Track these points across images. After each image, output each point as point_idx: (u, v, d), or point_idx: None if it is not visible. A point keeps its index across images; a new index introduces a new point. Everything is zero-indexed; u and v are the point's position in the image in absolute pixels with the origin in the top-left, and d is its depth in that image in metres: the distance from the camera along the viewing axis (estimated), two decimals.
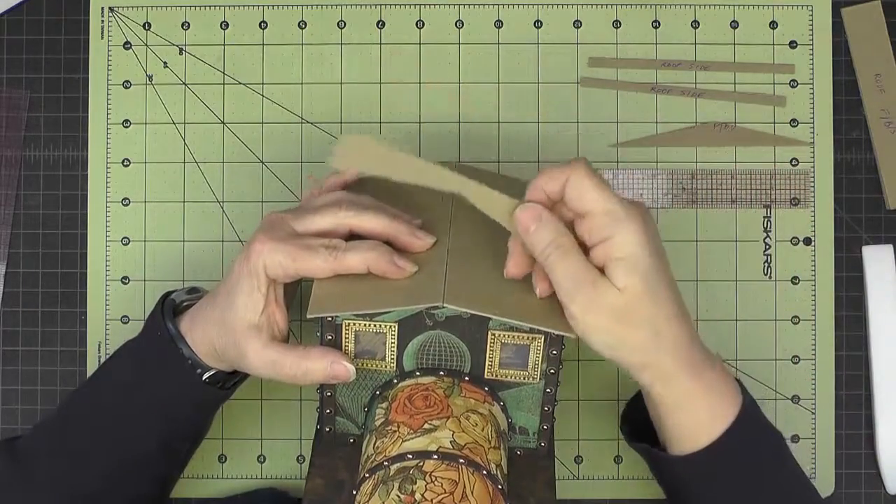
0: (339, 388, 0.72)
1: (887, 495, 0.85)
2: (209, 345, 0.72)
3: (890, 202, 0.86)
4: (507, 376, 0.71)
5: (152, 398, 0.74)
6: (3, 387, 0.86)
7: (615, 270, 0.65)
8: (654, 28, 0.87)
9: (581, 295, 0.65)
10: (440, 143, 0.86)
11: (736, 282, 0.86)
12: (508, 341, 0.70)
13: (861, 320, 0.86)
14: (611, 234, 0.65)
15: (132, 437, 0.75)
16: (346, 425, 0.74)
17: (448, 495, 0.63)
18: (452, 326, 0.70)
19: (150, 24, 0.87)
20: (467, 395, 0.70)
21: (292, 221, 0.70)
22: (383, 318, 0.69)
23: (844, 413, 0.86)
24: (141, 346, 0.76)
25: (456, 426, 0.67)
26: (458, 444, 0.66)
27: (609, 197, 0.65)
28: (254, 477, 0.86)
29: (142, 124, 0.87)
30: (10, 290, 0.86)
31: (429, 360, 0.71)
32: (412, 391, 0.70)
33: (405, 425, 0.68)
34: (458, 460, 0.65)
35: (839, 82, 0.87)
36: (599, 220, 0.65)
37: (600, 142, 0.86)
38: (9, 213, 0.86)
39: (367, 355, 0.71)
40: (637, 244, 0.65)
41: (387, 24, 0.87)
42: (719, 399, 0.69)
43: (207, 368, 0.73)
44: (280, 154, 0.86)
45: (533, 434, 0.73)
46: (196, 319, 0.73)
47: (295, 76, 0.87)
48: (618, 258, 0.65)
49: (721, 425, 0.69)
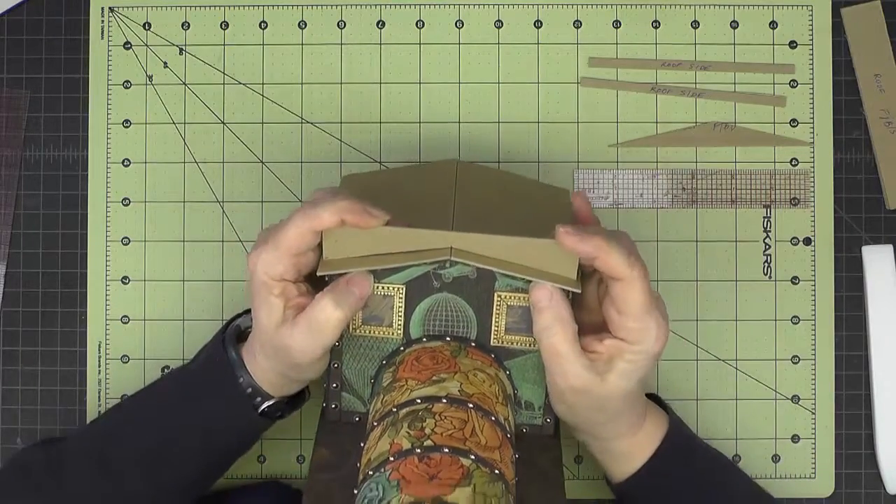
0: (346, 359, 0.73)
1: (887, 495, 0.85)
2: (269, 372, 0.73)
3: (890, 202, 0.86)
4: (512, 343, 0.72)
5: (203, 430, 0.75)
6: (3, 387, 0.86)
7: (618, 367, 0.70)
8: (654, 28, 0.87)
9: (574, 380, 0.69)
10: (440, 143, 0.86)
11: (736, 282, 0.86)
12: (514, 303, 0.71)
13: (861, 320, 0.86)
14: (635, 341, 0.69)
15: (173, 461, 0.75)
16: (351, 402, 0.74)
17: (458, 430, 0.64)
18: (459, 288, 0.71)
19: (150, 24, 0.87)
20: (474, 358, 0.71)
21: (269, 231, 0.71)
22: (391, 279, 0.70)
23: (844, 413, 0.86)
24: (196, 370, 0.77)
25: (464, 379, 0.68)
26: (467, 393, 0.67)
27: (650, 310, 0.69)
28: (254, 477, 0.86)
29: (142, 124, 0.87)
30: (10, 290, 0.86)
31: (435, 326, 0.72)
32: (419, 353, 0.70)
33: (413, 379, 0.68)
34: (467, 405, 0.66)
35: (839, 82, 0.87)
36: (632, 325, 0.69)
37: (600, 142, 0.86)
38: (9, 213, 0.86)
39: (374, 321, 0.72)
40: (651, 356, 0.70)
41: (387, 24, 0.87)
42: (647, 440, 0.75)
43: (268, 398, 0.74)
44: (280, 154, 0.86)
45: (539, 409, 0.74)
46: (250, 355, 0.74)
47: (295, 76, 0.87)
48: (628, 361, 0.70)
49: (649, 451, 0.74)
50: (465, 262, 0.69)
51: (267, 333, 0.71)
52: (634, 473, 0.74)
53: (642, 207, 0.86)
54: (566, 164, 0.86)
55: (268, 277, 0.69)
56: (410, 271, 0.70)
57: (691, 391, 0.85)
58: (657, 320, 0.69)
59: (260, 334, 0.72)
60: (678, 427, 0.76)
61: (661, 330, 0.70)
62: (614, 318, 0.69)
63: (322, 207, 0.68)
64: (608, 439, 0.74)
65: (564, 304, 0.69)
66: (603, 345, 0.70)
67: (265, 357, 0.72)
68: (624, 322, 0.69)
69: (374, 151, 0.86)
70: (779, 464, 0.86)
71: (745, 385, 0.86)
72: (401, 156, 0.86)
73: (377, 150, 0.86)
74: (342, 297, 0.69)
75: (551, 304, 0.68)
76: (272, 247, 0.69)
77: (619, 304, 0.69)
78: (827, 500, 0.85)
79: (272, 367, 0.73)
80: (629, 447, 0.74)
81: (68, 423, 0.85)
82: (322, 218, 0.68)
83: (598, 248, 0.67)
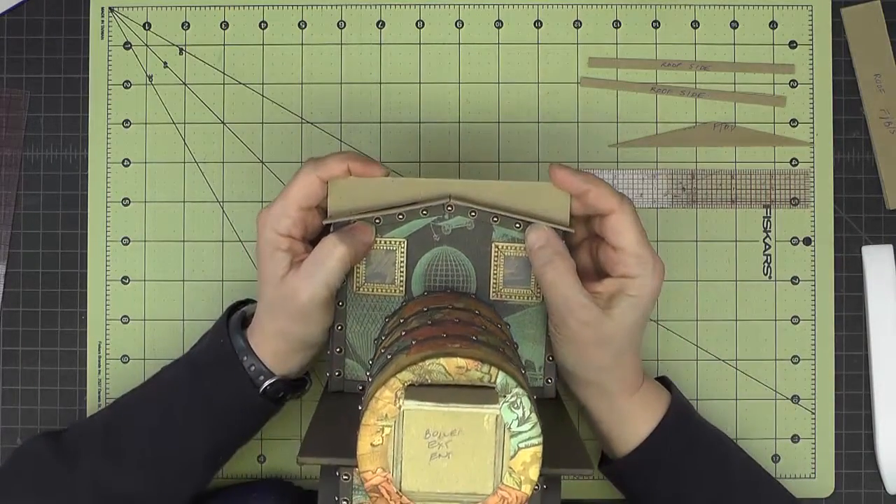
0: (349, 322, 0.74)
1: (887, 495, 0.85)
2: (273, 339, 0.74)
3: (890, 202, 0.86)
4: (511, 296, 0.74)
5: (206, 407, 0.75)
6: (3, 387, 0.86)
7: (622, 303, 0.72)
8: (654, 28, 0.87)
9: (579, 311, 0.70)
10: (440, 143, 0.86)
11: (736, 282, 0.86)
12: (511, 254, 0.74)
13: (861, 320, 0.86)
14: (635, 274, 0.72)
15: (180, 445, 0.75)
16: (355, 369, 0.75)
17: (467, 317, 0.66)
18: (458, 241, 0.74)
19: (150, 24, 0.87)
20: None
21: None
22: (392, 233, 0.74)
23: (844, 413, 0.86)
24: (201, 354, 0.77)
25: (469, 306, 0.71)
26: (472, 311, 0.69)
27: (645, 243, 0.72)
28: (254, 476, 0.86)
29: (142, 124, 0.87)
30: (10, 290, 0.86)
31: (436, 281, 0.74)
32: (422, 302, 0.72)
33: (419, 306, 0.70)
34: (474, 311, 0.68)
35: (839, 82, 0.87)
36: (630, 259, 0.72)
37: (600, 142, 0.86)
38: (9, 213, 0.86)
39: (377, 279, 0.74)
40: (652, 290, 0.72)
41: (387, 24, 0.87)
42: (648, 406, 0.75)
43: (270, 376, 0.75)
44: (280, 154, 0.86)
45: (539, 369, 0.75)
46: (255, 327, 0.75)
47: (295, 76, 0.87)
48: (631, 295, 0.72)
49: (651, 424, 0.75)
50: (463, 204, 0.72)
51: (272, 284, 0.72)
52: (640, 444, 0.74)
53: (642, 207, 0.86)
54: (566, 164, 0.86)
55: (275, 234, 0.72)
56: (411, 225, 0.74)
57: (691, 391, 0.85)
58: (653, 253, 0.72)
59: (266, 289, 0.73)
60: (681, 400, 0.77)
61: (658, 263, 0.72)
62: (612, 256, 0.72)
63: (328, 156, 0.72)
64: (612, 394, 0.74)
65: (561, 241, 0.72)
66: (602, 284, 0.72)
67: (270, 317, 0.73)
68: (621, 256, 0.72)
69: (374, 151, 0.86)
70: (779, 464, 0.86)
71: (745, 385, 0.86)
72: (401, 156, 0.86)
73: (377, 150, 0.86)
74: (345, 235, 0.72)
75: (548, 241, 0.71)
76: (280, 198, 0.72)
77: (615, 239, 0.72)
78: (827, 500, 0.85)
79: (277, 328, 0.73)
80: (630, 406, 0.75)
81: (68, 424, 0.85)
82: (328, 165, 0.72)
83: (588, 180, 0.72)
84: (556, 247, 0.71)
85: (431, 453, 0.56)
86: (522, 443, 0.57)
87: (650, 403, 0.75)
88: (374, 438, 0.57)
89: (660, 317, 0.86)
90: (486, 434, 0.57)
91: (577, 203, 0.73)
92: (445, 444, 0.56)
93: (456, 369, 0.58)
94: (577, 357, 0.73)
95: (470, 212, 0.73)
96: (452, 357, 0.57)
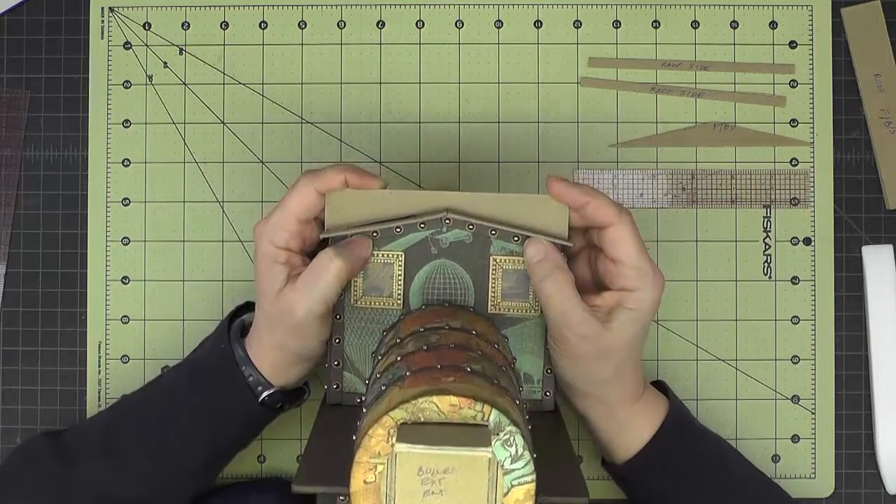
0: (347, 334, 0.74)
1: (887, 495, 0.85)
2: (271, 352, 0.74)
3: (890, 202, 0.86)
4: (509, 309, 0.74)
5: (205, 413, 0.75)
6: (3, 387, 0.86)
7: (621, 316, 0.71)
8: (654, 28, 0.87)
9: (578, 325, 0.70)
10: (440, 143, 0.86)
11: (736, 282, 0.86)
12: (509, 267, 0.73)
13: (861, 320, 0.86)
14: (634, 287, 0.71)
15: (179, 450, 0.75)
16: (353, 382, 0.75)
17: (464, 340, 0.66)
18: (456, 254, 0.73)
19: (150, 24, 0.87)
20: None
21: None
22: (390, 246, 0.73)
23: (844, 413, 0.86)
24: (202, 360, 0.77)
25: (467, 321, 0.70)
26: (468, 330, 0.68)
27: (644, 255, 0.71)
28: (254, 476, 0.86)
29: (142, 124, 0.87)
30: (10, 290, 0.86)
31: (434, 295, 0.74)
32: (420, 318, 0.71)
33: (416, 323, 0.69)
34: (470, 331, 0.68)
35: (839, 82, 0.87)
36: (629, 272, 0.71)
37: (600, 142, 0.86)
38: (9, 213, 0.86)
39: (374, 292, 0.74)
40: (652, 303, 0.72)
41: (387, 24, 0.87)
42: (647, 414, 0.75)
43: (269, 387, 0.75)
44: (280, 154, 0.86)
45: (537, 382, 0.75)
46: (253, 338, 0.75)
47: (295, 76, 0.87)
48: (630, 308, 0.71)
49: (650, 431, 0.75)
50: (461, 217, 0.72)
51: (269, 298, 0.72)
52: (640, 450, 0.75)
53: (642, 207, 0.86)
54: (566, 164, 0.86)
55: (273, 247, 0.71)
56: (409, 238, 0.73)
57: (691, 391, 0.85)
58: (652, 265, 0.72)
59: (263, 301, 0.73)
60: (679, 406, 0.77)
61: (658, 275, 0.72)
62: (611, 268, 0.72)
63: (326, 168, 0.72)
64: (612, 404, 0.74)
65: (559, 255, 0.71)
66: (601, 297, 0.72)
67: (268, 330, 0.73)
68: (620, 269, 0.71)
69: (374, 151, 0.86)
70: (779, 464, 0.86)
71: (745, 385, 0.86)
72: (401, 156, 0.86)
73: (377, 150, 0.86)
74: (341, 249, 0.71)
75: (547, 254, 0.71)
76: (278, 210, 0.72)
77: (613, 251, 0.71)
78: (827, 500, 0.85)
79: (275, 341, 0.73)
80: (630, 416, 0.75)
81: (68, 424, 0.85)
82: (326, 177, 0.72)
83: (587, 192, 0.71)
84: (555, 261, 0.71)
85: (424, 490, 0.56)
86: (515, 480, 0.57)
87: (649, 411, 0.75)
88: (367, 476, 0.57)
89: (660, 317, 0.86)
90: (479, 473, 0.56)
91: (576, 215, 0.72)
92: (439, 482, 0.56)
93: (449, 407, 0.57)
94: (577, 370, 0.72)
95: (468, 225, 0.73)
96: (446, 395, 0.57)
